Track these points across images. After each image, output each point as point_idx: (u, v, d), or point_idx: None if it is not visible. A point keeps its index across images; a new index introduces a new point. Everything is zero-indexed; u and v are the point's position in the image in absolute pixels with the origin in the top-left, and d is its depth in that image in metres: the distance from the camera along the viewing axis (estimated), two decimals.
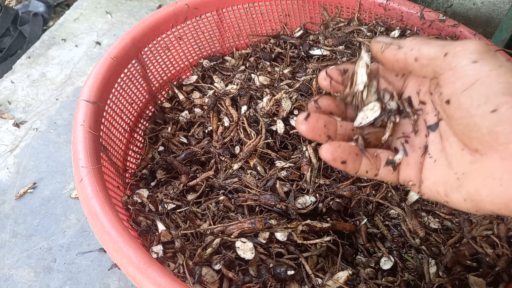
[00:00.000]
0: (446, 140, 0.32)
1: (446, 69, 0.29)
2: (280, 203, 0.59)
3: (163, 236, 0.57)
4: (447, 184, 0.31)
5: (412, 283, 0.58)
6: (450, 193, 0.30)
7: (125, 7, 1.40)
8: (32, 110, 1.06)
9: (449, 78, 0.28)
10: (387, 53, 0.33)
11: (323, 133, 0.35)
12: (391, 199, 0.66)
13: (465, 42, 0.28)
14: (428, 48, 0.30)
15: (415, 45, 0.31)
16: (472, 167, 0.28)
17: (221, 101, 0.77)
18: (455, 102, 0.28)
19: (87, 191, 0.53)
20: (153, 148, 0.78)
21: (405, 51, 0.31)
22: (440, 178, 0.32)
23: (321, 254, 0.59)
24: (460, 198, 0.29)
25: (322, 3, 0.97)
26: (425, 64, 0.30)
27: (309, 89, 0.75)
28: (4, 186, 0.90)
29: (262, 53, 0.92)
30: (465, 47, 0.28)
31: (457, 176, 0.30)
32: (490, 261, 0.58)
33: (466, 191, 0.29)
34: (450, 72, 0.28)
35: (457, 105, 0.28)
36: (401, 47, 0.32)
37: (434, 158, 0.33)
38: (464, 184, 0.29)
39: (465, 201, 0.29)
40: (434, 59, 0.29)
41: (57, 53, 1.22)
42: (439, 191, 0.32)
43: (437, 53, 0.29)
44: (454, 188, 0.30)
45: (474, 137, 0.27)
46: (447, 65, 0.28)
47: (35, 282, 0.76)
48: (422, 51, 0.30)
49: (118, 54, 0.72)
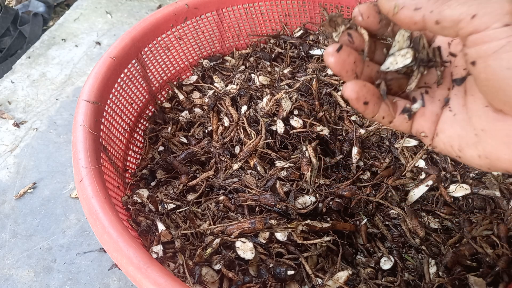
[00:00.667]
0: (471, 96, 0.31)
1: (473, 31, 0.26)
2: (280, 203, 0.59)
3: (163, 236, 0.57)
4: (463, 139, 0.30)
5: (412, 283, 0.58)
6: (464, 148, 0.30)
7: (125, 7, 1.40)
8: (32, 110, 1.06)
9: (477, 40, 0.26)
10: (402, 14, 0.30)
11: (351, 69, 0.33)
12: (391, 199, 0.66)
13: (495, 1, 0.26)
14: (451, 10, 0.27)
15: (435, 6, 0.28)
16: (494, 125, 0.28)
17: (221, 101, 0.77)
18: (482, 64, 0.27)
19: (87, 191, 0.53)
20: (153, 148, 0.78)
21: (424, 13, 0.28)
22: (457, 132, 0.31)
23: (321, 254, 0.59)
24: (474, 154, 0.29)
25: (322, 3, 0.97)
26: (448, 27, 0.28)
27: (309, 89, 0.75)
28: (4, 186, 0.90)
29: (262, 53, 0.92)
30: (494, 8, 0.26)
31: (476, 132, 0.29)
32: (490, 261, 0.58)
33: (482, 148, 0.29)
34: (478, 35, 0.26)
35: (484, 67, 0.26)
36: (418, 8, 0.29)
37: (454, 112, 0.32)
38: (482, 141, 0.29)
39: (480, 158, 0.29)
40: (459, 22, 0.27)
41: (57, 53, 1.22)
42: (453, 145, 0.31)
43: (463, 14, 0.26)
44: (471, 144, 0.30)
45: (500, 99, 0.27)
46: (474, 28, 0.26)
47: (35, 282, 0.76)
48: (444, 13, 0.27)
49: (118, 54, 0.72)
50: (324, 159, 0.69)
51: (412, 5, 0.29)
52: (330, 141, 0.72)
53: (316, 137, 0.71)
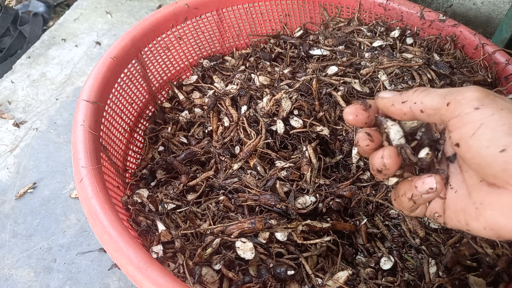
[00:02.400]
0: (466, 172, 0.34)
1: (451, 117, 0.31)
2: (280, 203, 0.59)
3: (163, 236, 0.57)
4: (467, 213, 0.32)
5: (412, 283, 0.58)
6: (470, 222, 0.32)
7: (125, 7, 1.40)
8: (32, 110, 1.06)
9: (456, 124, 0.30)
10: (393, 108, 0.35)
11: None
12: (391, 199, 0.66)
13: (464, 90, 0.30)
14: (430, 100, 0.32)
15: (417, 98, 0.33)
16: (490, 198, 0.30)
17: (221, 101, 0.77)
18: (464, 145, 0.30)
19: (87, 191, 0.53)
20: (153, 148, 0.77)
21: (410, 105, 0.34)
22: (460, 208, 0.33)
23: (321, 254, 0.59)
24: (480, 226, 0.31)
25: (322, 3, 0.97)
26: (432, 114, 0.32)
27: (309, 89, 0.75)
28: (4, 186, 0.90)
29: (262, 53, 0.92)
30: (465, 96, 0.30)
31: (476, 205, 0.31)
32: (490, 261, 0.58)
33: (484, 220, 0.30)
34: (455, 120, 0.30)
35: (467, 147, 0.30)
36: (405, 101, 0.34)
37: (455, 189, 0.35)
38: (483, 213, 0.31)
39: (485, 229, 0.31)
40: (438, 109, 0.31)
41: (57, 53, 1.22)
42: (460, 220, 0.33)
43: (440, 103, 0.31)
44: (473, 217, 0.32)
45: (488, 174, 0.29)
46: (451, 114, 0.30)
47: (35, 282, 0.76)
48: (426, 103, 0.32)
49: (118, 54, 0.72)
50: (324, 159, 0.69)
51: (399, 100, 0.35)
52: (330, 141, 0.72)
53: (316, 137, 0.71)
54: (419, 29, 0.90)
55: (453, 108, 0.30)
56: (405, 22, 0.91)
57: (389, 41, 0.86)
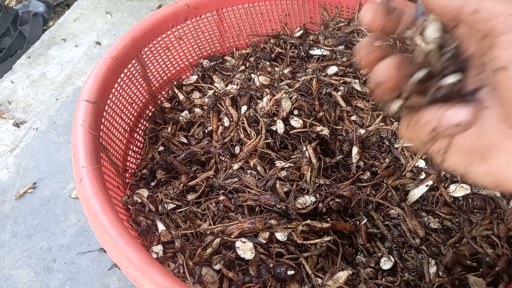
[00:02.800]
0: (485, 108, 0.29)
1: (508, 31, 0.25)
2: (280, 203, 0.59)
3: (163, 236, 0.57)
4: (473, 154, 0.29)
5: (412, 283, 0.58)
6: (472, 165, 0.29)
7: (125, 7, 1.40)
8: (32, 110, 1.06)
9: (507, 43, 0.25)
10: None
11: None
12: (391, 199, 0.66)
13: None
14: (491, 2, 0.26)
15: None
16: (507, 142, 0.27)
17: (221, 101, 0.77)
18: (511, 71, 0.25)
19: (87, 191, 0.53)
20: (153, 148, 0.77)
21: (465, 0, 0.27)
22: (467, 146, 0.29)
23: (321, 254, 0.59)
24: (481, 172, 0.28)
25: (322, 3, 0.97)
26: (484, 20, 0.26)
27: (309, 89, 0.75)
28: (4, 186, 0.90)
29: (262, 53, 0.92)
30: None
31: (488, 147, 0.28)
32: (490, 261, 0.58)
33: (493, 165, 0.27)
34: (509, 37, 0.25)
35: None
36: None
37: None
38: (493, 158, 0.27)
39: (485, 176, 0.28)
40: (496, 16, 0.25)
41: (57, 53, 1.22)
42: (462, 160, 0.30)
43: (502, 9, 0.25)
44: (478, 160, 0.28)
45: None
46: (508, 28, 0.25)
47: (35, 282, 0.76)
48: (485, 3, 0.26)
49: (118, 54, 0.72)
50: (324, 159, 0.69)
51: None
52: (330, 141, 0.72)
53: (316, 137, 0.71)
54: None
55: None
56: None
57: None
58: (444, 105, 0.29)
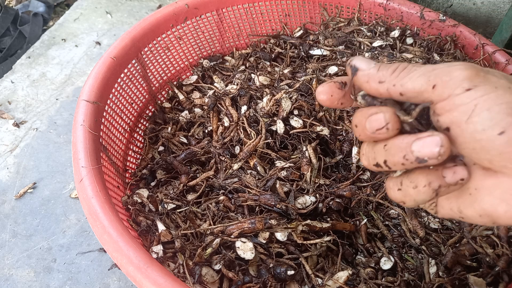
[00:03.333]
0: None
1: (438, 100, 0.27)
2: (280, 203, 0.59)
3: (163, 236, 0.57)
4: (460, 200, 0.30)
5: (412, 283, 0.58)
6: (464, 209, 0.30)
7: (125, 7, 1.40)
8: (32, 110, 1.06)
9: (445, 107, 0.27)
10: (369, 86, 0.30)
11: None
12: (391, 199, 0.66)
13: (451, 69, 0.27)
14: (412, 82, 0.28)
15: (396, 79, 0.29)
16: (485, 183, 0.28)
17: (221, 101, 0.77)
18: (456, 130, 0.27)
19: (87, 191, 0.53)
20: (153, 148, 0.77)
21: (387, 86, 0.29)
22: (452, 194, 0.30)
23: (321, 254, 0.59)
24: (475, 213, 0.29)
25: (322, 3, 0.97)
26: (413, 97, 0.29)
27: (309, 89, 0.75)
28: (4, 186, 0.90)
29: (262, 53, 0.92)
30: (453, 76, 0.27)
31: (470, 191, 0.29)
32: (490, 261, 0.58)
33: (480, 207, 0.28)
34: (444, 103, 0.27)
35: (459, 132, 0.27)
36: (382, 81, 0.29)
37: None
38: (478, 200, 0.28)
39: (481, 217, 0.28)
40: (421, 92, 0.28)
41: (57, 53, 1.22)
42: (452, 207, 0.31)
43: (424, 86, 0.28)
44: (468, 204, 0.29)
45: (483, 159, 0.27)
46: (439, 97, 0.27)
47: (35, 282, 0.76)
48: (406, 86, 0.28)
49: (118, 54, 0.72)
50: (324, 159, 0.69)
51: (376, 79, 0.30)
52: (330, 141, 0.72)
53: (316, 137, 0.71)
54: (419, 29, 0.90)
55: (440, 91, 0.27)
56: (405, 22, 0.91)
57: (389, 41, 0.86)
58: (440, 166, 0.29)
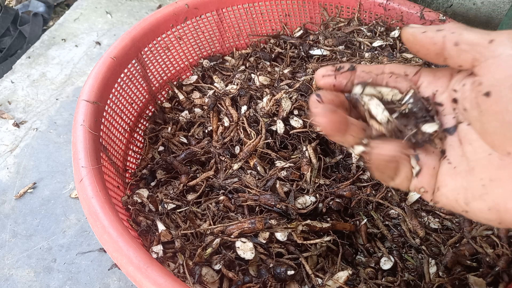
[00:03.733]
0: (468, 145, 0.29)
1: (489, 56, 0.26)
2: (280, 203, 0.59)
3: (163, 236, 0.57)
4: (469, 192, 0.28)
5: (412, 283, 0.58)
6: (471, 202, 0.28)
7: (125, 7, 1.40)
8: (32, 110, 1.06)
9: (491, 67, 0.26)
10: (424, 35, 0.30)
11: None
12: (391, 199, 0.66)
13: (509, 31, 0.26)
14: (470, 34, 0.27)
15: (456, 28, 0.28)
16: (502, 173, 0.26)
17: (221, 101, 0.77)
18: (496, 95, 0.25)
19: (87, 191, 0.53)
20: (153, 148, 0.77)
21: (445, 33, 0.28)
22: (461, 185, 0.29)
23: (321, 254, 0.59)
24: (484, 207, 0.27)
25: (322, 3, 0.97)
26: (465, 50, 0.27)
27: (309, 89, 0.75)
28: (4, 186, 0.90)
29: (262, 53, 0.92)
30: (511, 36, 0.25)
31: (483, 182, 0.27)
32: (490, 261, 0.58)
33: (492, 200, 0.27)
34: (493, 61, 0.25)
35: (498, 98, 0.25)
36: (440, 29, 0.29)
37: (453, 164, 0.30)
38: (491, 192, 0.27)
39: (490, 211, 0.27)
40: (476, 45, 0.27)
41: (57, 53, 1.22)
42: (459, 199, 0.29)
43: (481, 39, 0.26)
44: (477, 196, 0.28)
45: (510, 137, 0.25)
46: (491, 53, 0.26)
47: (35, 282, 0.76)
48: (464, 35, 0.27)
49: (118, 54, 0.72)
50: (324, 159, 0.69)
51: (434, 28, 0.30)
52: (330, 141, 0.72)
53: (316, 137, 0.71)
54: None
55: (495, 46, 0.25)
56: (405, 22, 0.91)
57: (389, 41, 0.86)
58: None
